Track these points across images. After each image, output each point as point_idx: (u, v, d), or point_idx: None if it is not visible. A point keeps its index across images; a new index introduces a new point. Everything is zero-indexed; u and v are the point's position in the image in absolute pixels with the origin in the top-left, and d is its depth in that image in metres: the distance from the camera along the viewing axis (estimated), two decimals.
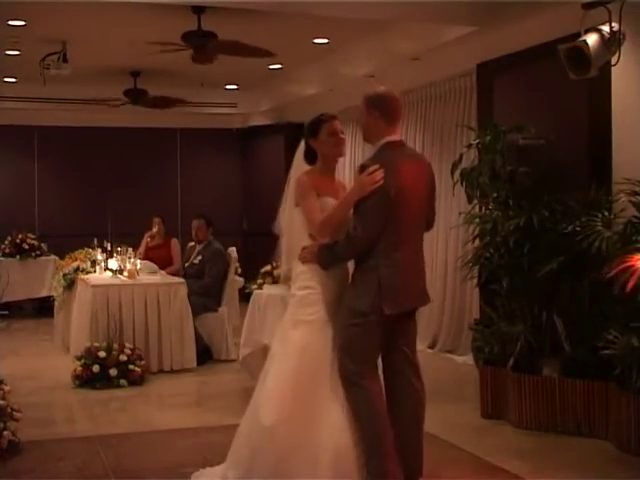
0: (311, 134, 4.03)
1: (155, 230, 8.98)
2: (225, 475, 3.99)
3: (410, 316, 3.94)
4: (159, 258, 8.45)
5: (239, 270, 8.25)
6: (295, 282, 4.02)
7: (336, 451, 3.72)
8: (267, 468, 3.76)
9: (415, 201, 3.82)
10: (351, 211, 3.81)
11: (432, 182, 3.99)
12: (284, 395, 3.81)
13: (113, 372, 6.47)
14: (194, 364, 7.19)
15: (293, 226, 4.04)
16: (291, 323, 3.94)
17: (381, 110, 3.83)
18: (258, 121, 12.00)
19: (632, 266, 4.34)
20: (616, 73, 5.27)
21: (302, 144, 4.11)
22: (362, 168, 3.76)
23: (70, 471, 4.45)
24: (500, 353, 5.42)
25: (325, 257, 3.85)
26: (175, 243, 8.95)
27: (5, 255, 10.61)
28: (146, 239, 8.99)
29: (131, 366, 6.55)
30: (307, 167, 4.06)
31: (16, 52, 8.63)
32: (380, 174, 3.68)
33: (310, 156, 4.07)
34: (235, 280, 8.01)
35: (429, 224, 4.07)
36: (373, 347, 3.79)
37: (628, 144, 5.26)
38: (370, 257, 3.76)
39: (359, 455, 3.75)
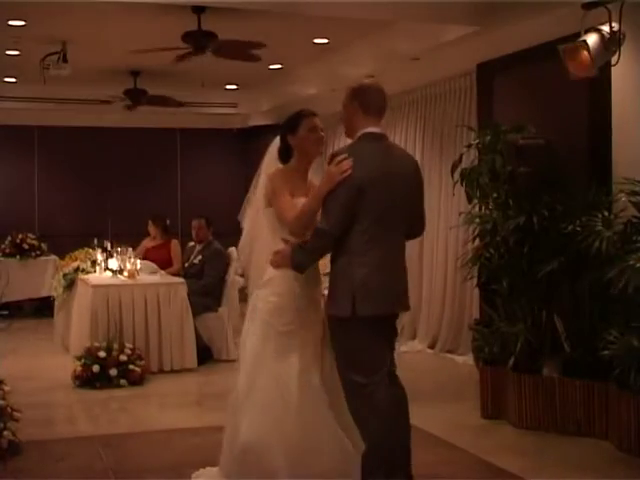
0: (289, 130, 3.85)
1: (152, 234, 8.91)
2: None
3: (391, 322, 3.71)
4: (159, 259, 8.42)
5: (239, 270, 8.24)
6: (265, 288, 3.84)
7: (328, 467, 3.65)
8: None
9: (391, 198, 3.57)
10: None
11: (416, 181, 3.73)
12: (266, 413, 3.69)
13: (113, 372, 6.47)
14: (194, 364, 7.18)
15: (262, 229, 3.89)
16: (265, 334, 3.78)
17: (360, 100, 3.64)
18: (258, 121, 11.99)
19: None
20: (616, 73, 5.27)
21: (276, 141, 3.93)
22: (331, 157, 3.56)
23: (70, 471, 4.45)
24: (500, 353, 5.42)
25: (299, 258, 3.63)
26: (175, 244, 8.93)
27: (5, 255, 10.59)
28: (144, 246, 8.89)
29: (131, 366, 6.55)
30: (279, 166, 3.89)
31: (16, 52, 8.62)
32: (348, 164, 3.47)
33: (285, 154, 3.89)
34: (235, 280, 8.00)
35: (418, 228, 3.83)
36: (375, 353, 3.57)
37: (628, 144, 5.26)
38: (342, 256, 3.55)
39: (354, 469, 3.63)
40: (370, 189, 3.50)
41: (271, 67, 9.53)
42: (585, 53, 5.01)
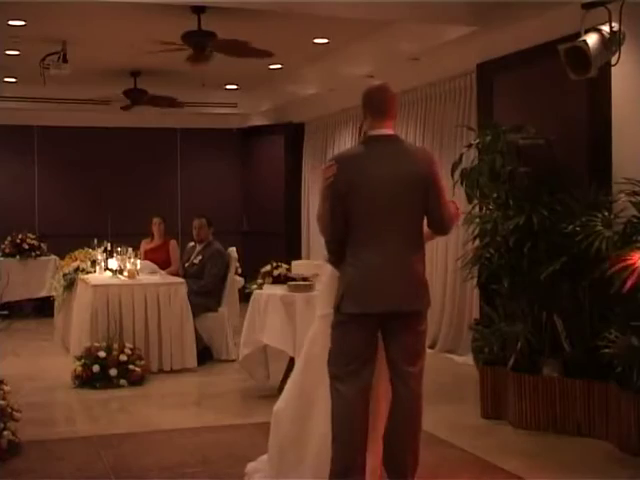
0: None
1: (155, 232, 8.94)
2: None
3: (398, 320, 3.66)
4: (157, 260, 8.42)
5: (239, 270, 8.24)
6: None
7: (323, 449, 3.75)
8: (273, 454, 3.96)
9: (381, 200, 3.58)
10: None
11: (421, 179, 3.64)
12: (291, 386, 4.01)
13: (113, 372, 6.47)
14: (194, 364, 7.19)
15: None
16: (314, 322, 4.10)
17: (365, 103, 3.71)
18: (258, 121, 12.00)
19: (632, 264, 4.34)
20: (616, 73, 5.27)
21: None
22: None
23: (70, 471, 4.46)
24: (500, 353, 5.42)
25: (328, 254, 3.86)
26: (173, 245, 8.92)
27: (5, 255, 10.60)
28: (144, 246, 8.91)
29: (131, 366, 6.56)
30: None
31: (16, 52, 8.62)
32: (332, 170, 3.57)
33: None
34: (235, 280, 8.00)
35: (436, 227, 3.77)
36: (349, 350, 3.65)
37: (628, 144, 5.26)
38: (345, 258, 3.68)
39: None
40: (353, 193, 3.58)
41: (271, 67, 9.52)
42: (585, 53, 5.00)
